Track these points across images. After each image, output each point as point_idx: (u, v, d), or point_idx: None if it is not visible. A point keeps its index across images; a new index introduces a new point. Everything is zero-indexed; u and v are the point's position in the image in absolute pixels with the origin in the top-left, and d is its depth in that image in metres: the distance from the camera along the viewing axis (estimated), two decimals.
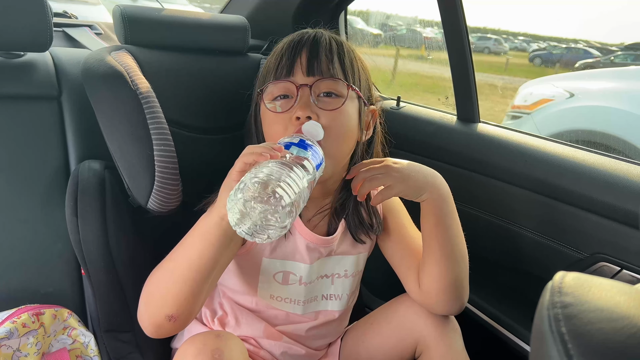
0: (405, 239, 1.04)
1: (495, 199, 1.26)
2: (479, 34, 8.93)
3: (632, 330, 0.31)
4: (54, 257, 1.12)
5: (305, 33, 0.95)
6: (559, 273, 0.38)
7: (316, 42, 0.93)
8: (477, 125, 1.33)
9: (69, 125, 1.16)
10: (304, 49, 0.92)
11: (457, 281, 0.96)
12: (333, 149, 0.88)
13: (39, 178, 1.13)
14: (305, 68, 0.90)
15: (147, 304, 0.86)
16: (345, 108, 0.90)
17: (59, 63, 1.20)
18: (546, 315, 0.34)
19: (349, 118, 0.92)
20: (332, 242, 1.00)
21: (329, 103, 0.89)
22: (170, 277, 0.83)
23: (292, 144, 0.78)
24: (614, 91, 2.72)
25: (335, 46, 0.93)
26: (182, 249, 0.84)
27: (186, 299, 0.81)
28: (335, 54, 0.92)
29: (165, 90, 1.08)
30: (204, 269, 0.81)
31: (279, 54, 0.94)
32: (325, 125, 0.87)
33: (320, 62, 0.91)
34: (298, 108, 0.88)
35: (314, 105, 0.88)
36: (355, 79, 0.94)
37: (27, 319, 1.00)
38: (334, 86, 0.90)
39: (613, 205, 1.03)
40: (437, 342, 0.99)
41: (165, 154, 1.00)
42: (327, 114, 0.88)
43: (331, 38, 0.95)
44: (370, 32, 5.39)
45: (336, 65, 0.92)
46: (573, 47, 7.26)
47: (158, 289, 0.84)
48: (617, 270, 1.04)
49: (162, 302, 0.82)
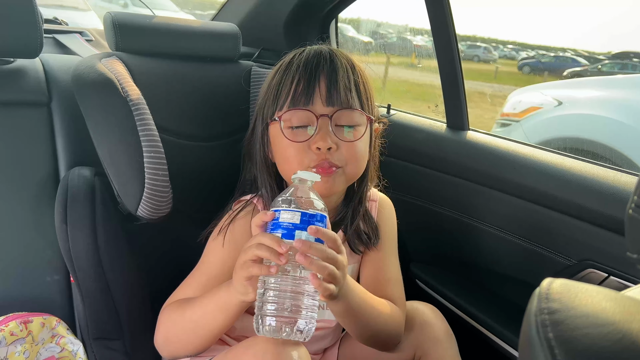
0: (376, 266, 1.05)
1: (484, 206, 1.27)
2: (469, 42, 8.99)
3: (617, 336, 0.32)
4: (43, 265, 1.11)
5: (320, 54, 0.94)
6: (546, 280, 0.38)
7: (334, 68, 0.92)
8: (467, 132, 1.34)
9: (58, 132, 1.15)
10: (322, 75, 0.91)
11: (378, 339, 0.96)
12: (351, 174, 0.93)
13: (28, 185, 1.12)
14: (325, 98, 0.90)
15: (165, 344, 0.94)
16: (364, 136, 0.93)
17: (49, 69, 1.19)
18: (534, 322, 0.35)
19: (364, 144, 0.95)
20: None
21: (349, 134, 0.92)
22: (189, 331, 0.90)
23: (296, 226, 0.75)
24: (601, 99, 2.75)
25: (351, 72, 0.94)
26: (201, 311, 0.88)
27: (206, 345, 0.91)
28: (352, 82, 0.93)
29: (155, 97, 1.08)
30: (221, 331, 0.89)
31: (294, 74, 0.93)
32: (345, 155, 0.90)
33: (339, 91, 0.91)
34: (319, 139, 0.89)
35: (333, 135, 0.89)
36: (370, 105, 0.96)
37: (15, 327, 0.99)
38: (353, 116, 0.92)
39: (601, 212, 1.04)
40: (436, 348, 1.01)
41: (155, 160, 1.00)
42: (347, 144, 0.91)
43: (347, 62, 0.95)
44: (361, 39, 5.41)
45: (354, 95, 0.92)
46: (561, 55, 7.34)
47: (177, 336, 0.92)
48: (604, 277, 1.05)
49: (182, 347, 0.92)
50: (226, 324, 0.87)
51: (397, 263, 1.07)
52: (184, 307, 0.91)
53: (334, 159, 0.90)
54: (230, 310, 0.84)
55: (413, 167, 1.42)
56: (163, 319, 0.93)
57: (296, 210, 0.76)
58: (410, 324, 1.02)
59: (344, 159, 0.90)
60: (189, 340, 0.90)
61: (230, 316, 0.85)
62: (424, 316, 1.04)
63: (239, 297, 0.80)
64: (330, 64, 0.92)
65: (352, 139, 0.91)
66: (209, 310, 0.86)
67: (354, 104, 0.92)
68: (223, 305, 0.84)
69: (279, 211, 0.76)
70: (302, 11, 1.58)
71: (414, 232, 1.47)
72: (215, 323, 0.86)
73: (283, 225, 0.75)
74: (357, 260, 1.06)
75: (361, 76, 0.96)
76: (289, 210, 0.76)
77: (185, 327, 0.90)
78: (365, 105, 0.95)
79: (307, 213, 0.76)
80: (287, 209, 0.76)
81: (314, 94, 0.91)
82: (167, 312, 0.93)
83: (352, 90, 0.92)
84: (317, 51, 0.95)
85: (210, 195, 1.05)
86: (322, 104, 0.91)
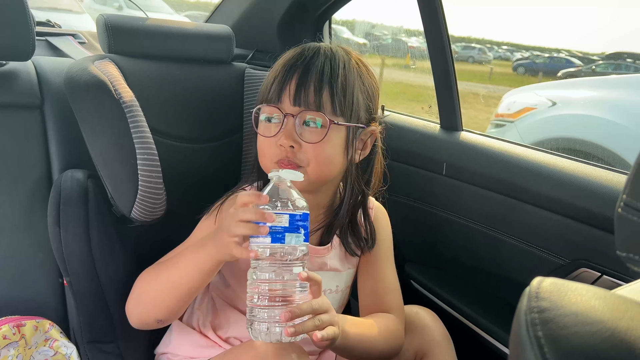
0: (373, 277, 1.06)
1: (477, 206, 1.28)
2: (463, 44, 9.03)
3: (606, 334, 0.32)
4: (36, 268, 1.11)
5: (303, 53, 0.95)
6: (536, 278, 0.38)
7: (308, 67, 0.92)
8: (460, 133, 1.34)
9: (51, 135, 1.15)
10: (295, 74, 0.92)
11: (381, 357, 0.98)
12: (314, 176, 0.92)
13: (21, 187, 1.12)
14: (292, 97, 0.91)
15: (137, 305, 0.95)
16: (328, 138, 0.91)
17: (42, 72, 1.19)
18: (523, 320, 0.35)
19: (333, 147, 0.92)
20: (323, 254, 1.01)
21: (312, 135, 0.90)
22: (163, 289, 0.91)
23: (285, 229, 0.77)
24: (595, 100, 2.76)
25: (329, 71, 0.92)
26: (177, 270, 0.89)
27: (177, 308, 0.92)
28: (326, 82, 0.91)
29: (149, 99, 1.08)
30: (194, 290, 0.90)
31: (275, 72, 0.95)
32: (308, 155, 0.90)
33: (307, 92, 0.90)
34: (281, 135, 0.90)
35: (295, 135, 0.90)
36: (346, 106, 0.92)
37: (7, 330, 0.98)
38: (319, 119, 0.91)
39: (594, 212, 1.04)
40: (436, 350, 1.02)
41: (148, 162, 1.00)
42: (308, 144, 0.90)
43: (326, 61, 0.93)
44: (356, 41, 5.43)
45: (324, 97, 0.91)
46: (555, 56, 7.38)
47: (150, 296, 0.93)
48: (597, 276, 1.05)
49: (154, 308, 0.93)
50: (202, 283, 0.89)
51: (394, 272, 1.08)
52: (158, 269, 0.94)
53: (296, 158, 0.91)
54: (208, 270, 0.86)
55: (406, 167, 1.42)
56: (138, 283, 0.96)
57: (284, 213, 0.77)
58: (411, 327, 1.04)
59: (306, 159, 0.90)
60: (163, 300, 0.91)
61: (207, 275, 0.87)
62: (424, 320, 1.06)
63: (223, 256, 0.83)
64: (307, 63, 0.92)
65: (315, 140, 0.90)
66: (186, 271, 0.88)
67: (324, 107, 0.91)
68: (202, 265, 0.86)
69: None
70: (295, 12, 1.58)
71: (407, 233, 1.47)
72: (192, 282, 0.88)
73: (272, 229, 0.77)
74: (353, 264, 1.07)
75: (345, 76, 0.93)
76: (275, 213, 0.77)
77: (160, 287, 0.91)
78: (338, 108, 0.91)
79: (295, 215, 0.78)
80: (274, 212, 0.77)
81: (284, 92, 0.92)
82: (141, 277, 0.96)
83: (322, 91, 0.91)
84: (302, 49, 0.96)
85: (204, 196, 1.05)
86: (290, 102, 0.91)
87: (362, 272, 1.08)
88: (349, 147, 0.94)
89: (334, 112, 0.91)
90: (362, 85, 0.96)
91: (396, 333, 1.00)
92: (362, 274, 1.08)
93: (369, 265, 1.07)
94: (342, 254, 1.05)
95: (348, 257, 1.05)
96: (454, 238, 1.37)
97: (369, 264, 1.06)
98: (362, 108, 0.96)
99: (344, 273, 1.06)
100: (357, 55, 0.99)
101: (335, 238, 1.03)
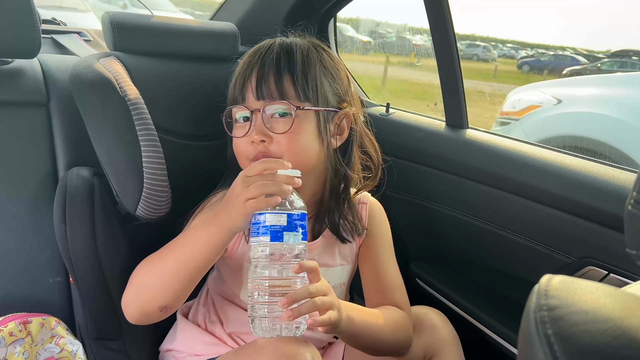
0: (376, 274, 1.06)
1: (483, 204, 1.27)
2: (468, 42, 9.00)
3: (616, 332, 0.32)
4: (42, 265, 1.11)
5: (259, 49, 0.97)
6: (545, 276, 0.38)
7: (264, 60, 0.93)
8: (466, 131, 1.34)
9: (57, 132, 1.15)
10: (254, 70, 0.94)
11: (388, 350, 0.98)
12: (293, 165, 0.90)
13: (27, 185, 1.12)
14: (255, 92, 0.93)
15: (138, 295, 0.90)
16: (298, 126, 0.91)
17: (47, 70, 1.19)
18: (533, 318, 0.35)
19: (305, 134, 0.93)
20: (311, 250, 1.01)
21: (281, 125, 0.91)
22: (170, 271, 0.87)
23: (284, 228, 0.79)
24: (601, 98, 2.75)
25: (286, 60, 0.93)
26: (185, 248, 0.87)
27: (183, 291, 0.88)
28: (285, 70, 0.92)
29: (154, 97, 1.08)
30: (203, 268, 0.87)
31: (236, 74, 0.97)
32: (281, 147, 0.91)
33: (268, 84, 0.92)
34: (253, 132, 0.91)
35: (264, 128, 0.91)
36: (310, 90, 0.93)
37: (14, 327, 0.99)
38: (284, 107, 0.92)
39: (600, 210, 1.04)
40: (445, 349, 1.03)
41: (153, 160, 1.00)
42: (280, 136, 0.91)
43: (282, 51, 0.94)
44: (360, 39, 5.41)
45: (286, 85, 0.92)
46: (560, 54, 7.35)
47: (154, 282, 0.88)
48: (604, 274, 1.05)
49: (159, 293, 0.87)
50: (210, 261, 0.87)
51: (397, 268, 1.07)
52: (162, 253, 0.90)
53: (269, 152, 0.91)
54: (219, 243, 0.85)
55: (412, 165, 1.42)
56: (137, 273, 0.92)
57: (282, 213, 0.79)
58: (421, 327, 1.04)
59: (279, 150, 0.91)
60: (170, 284, 0.87)
61: (217, 249, 0.85)
62: (433, 320, 1.06)
63: (236, 222, 0.82)
64: (263, 58, 0.94)
65: (284, 130, 0.91)
66: (196, 246, 0.86)
67: (287, 95, 0.92)
68: (214, 238, 0.84)
69: (264, 214, 0.79)
70: (300, 10, 1.58)
71: (413, 231, 1.47)
72: (202, 259, 0.86)
73: (271, 228, 0.78)
74: (347, 260, 1.07)
75: (303, 62, 0.93)
76: (274, 213, 0.79)
77: (167, 270, 0.87)
78: (302, 93, 0.92)
79: (293, 214, 0.79)
80: (272, 212, 0.79)
81: (246, 90, 0.94)
82: (140, 267, 0.92)
83: (283, 80, 0.92)
84: (258, 46, 0.98)
85: (209, 194, 1.05)
86: (254, 98, 0.93)
87: (364, 268, 1.07)
88: (322, 132, 0.94)
89: (298, 98, 0.92)
90: (325, 69, 0.97)
91: (404, 326, 0.99)
92: (364, 270, 1.07)
93: (369, 260, 1.06)
94: (331, 250, 1.05)
95: (341, 251, 1.05)
96: (460, 236, 1.36)
97: (370, 260, 1.06)
98: (329, 92, 0.96)
99: (337, 269, 1.05)
100: (317, 42, 1.00)
101: (324, 234, 1.03)
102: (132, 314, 0.90)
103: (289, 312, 0.75)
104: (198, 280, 0.89)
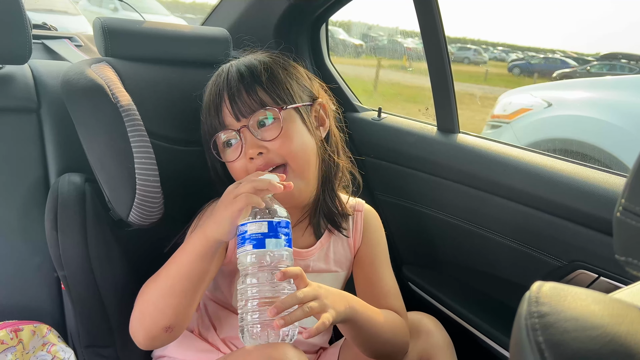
0: (371, 281, 1.06)
1: (474, 208, 1.28)
2: (459, 45, 9.03)
3: (606, 339, 0.32)
4: (33, 272, 1.10)
5: (219, 74, 0.99)
6: (536, 283, 0.39)
7: (229, 81, 0.95)
8: (457, 135, 1.35)
9: (48, 138, 1.14)
10: (223, 94, 0.95)
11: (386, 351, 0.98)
12: (299, 168, 0.94)
13: (18, 191, 1.11)
14: (233, 112, 0.94)
15: (142, 319, 0.89)
16: (287, 127, 0.93)
17: (38, 76, 1.19)
18: (524, 325, 0.35)
19: (297, 133, 0.95)
20: (306, 257, 1.02)
21: (271, 131, 0.92)
22: (165, 290, 0.87)
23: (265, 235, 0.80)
24: (590, 101, 2.77)
25: (249, 74, 0.95)
26: (175, 265, 0.88)
27: (184, 309, 0.87)
28: (253, 83, 0.94)
29: (146, 102, 1.08)
30: (197, 282, 0.86)
31: (206, 106, 0.99)
32: (280, 152, 0.92)
33: (242, 100, 0.93)
34: (247, 149, 0.92)
35: (257, 141, 0.92)
36: (284, 93, 0.95)
37: (5, 335, 0.98)
38: (268, 115, 0.93)
39: (590, 214, 1.05)
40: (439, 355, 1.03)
41: (146, 166, 1.00)
42: (274, 142, 0.92)
43: (242, 67, 0.97)
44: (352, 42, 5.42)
45: (260, 94, 0.94)
46: (550, 57, 7.39)
47: (153, 304, 0.88)
48: (594, 278, 1.06)
49: (160, 314, 0.87)
50: (202, 273, 0.86)
51: (392, 274, 1.08)
52: (156, 275, 0.90)
53: (272, 160, 0.92)
54: (204, 253, 0.84)
55: (404, 170, 1.42)
56: (137, 300, 0.91)
57: (262, 221, 0.80)
58: (416, 333, 1.05)
59: (280, 155, 0.92)
60: (167, 303, 0.86)
61: (204, 260, 0.85)
62: (427, 326, 1.07)
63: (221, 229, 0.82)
64: (227, 80, 0.96)
65: (277, 134, 0.92)
66: (184, 260, 0.86)
67: (265, 102, 0.93)
68: (198, 248, 0.85)
69: (246, 224, 0.80)
70: (292, 15, 1.58)
71: (405, 235, 1.48)
72: (192, 273, 0.85)
73: (253, 236, 0.79)
74: (341, 266, 1.07)
75: (266, 69, 0.96)
76: (255, 222, 0.80)
77: (162, 290, 0.87)
78: (282, 96, 0.94)
79: (273, 222, 0.80)
80: (253, 221, 0.80)
81: (223, 115, 0.95)
82: (140, 293, 0.92)
83: (255, 91, 0.94)
84: (216, 74, 1.00)
85: (202, 200, 1.04)
86: (234, 119, 0.94)
87: (359, 275, 1.08)
88: (309, 127, 0.97)
89: (275, 103, 0.94)
90: (287, 72, 1.00)
91: (402, 329, 1.00)
92: (359, 277, 1.08)
93: (365, 267, 1.07)
94: (326, 255, 1.05)
95: (335, 257, 1.06)
96: (452, 240, 1.37)
97: (365, 267, 1.07)
98: (299, 90, 0.99)
99: (330, 275, 1.06)
100: (268, 53, 1.03)
101: (321, 240, 1.04)
102: (140, 341, 0.90)
103: (281, 320, 0.75)
104: (197, 294, 0.88)
